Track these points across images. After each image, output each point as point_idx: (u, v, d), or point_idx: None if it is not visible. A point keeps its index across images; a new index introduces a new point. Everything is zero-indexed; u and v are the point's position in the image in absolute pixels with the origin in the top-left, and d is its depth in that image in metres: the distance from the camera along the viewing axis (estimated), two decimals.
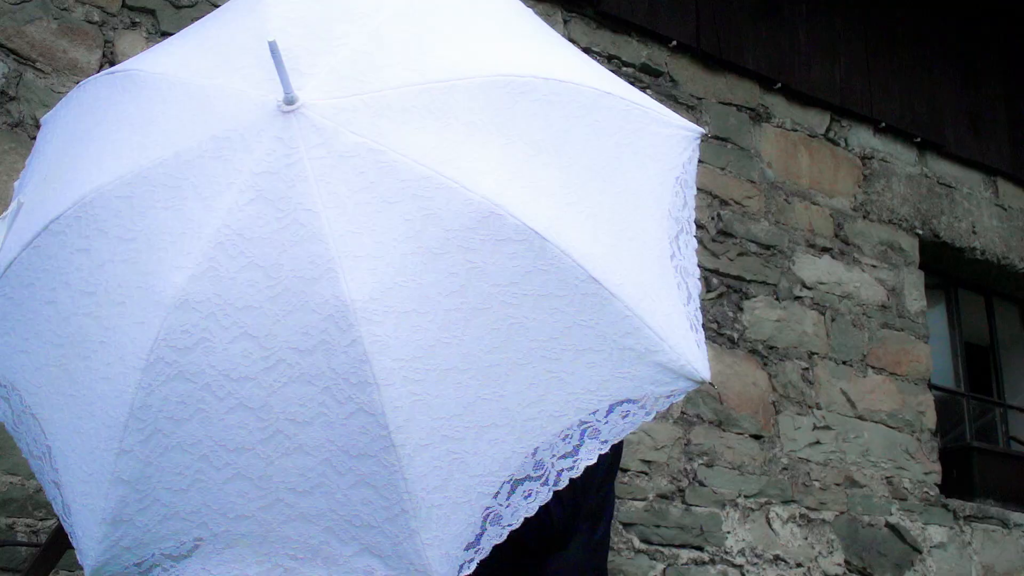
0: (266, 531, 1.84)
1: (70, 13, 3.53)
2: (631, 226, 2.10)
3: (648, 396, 1.96)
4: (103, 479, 1.90)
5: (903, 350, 5.40)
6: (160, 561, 1.90)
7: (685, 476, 4.50)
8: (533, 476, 1.92)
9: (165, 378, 1.85)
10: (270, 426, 1.84)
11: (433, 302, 1.86)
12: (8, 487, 3.09)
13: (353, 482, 1.83)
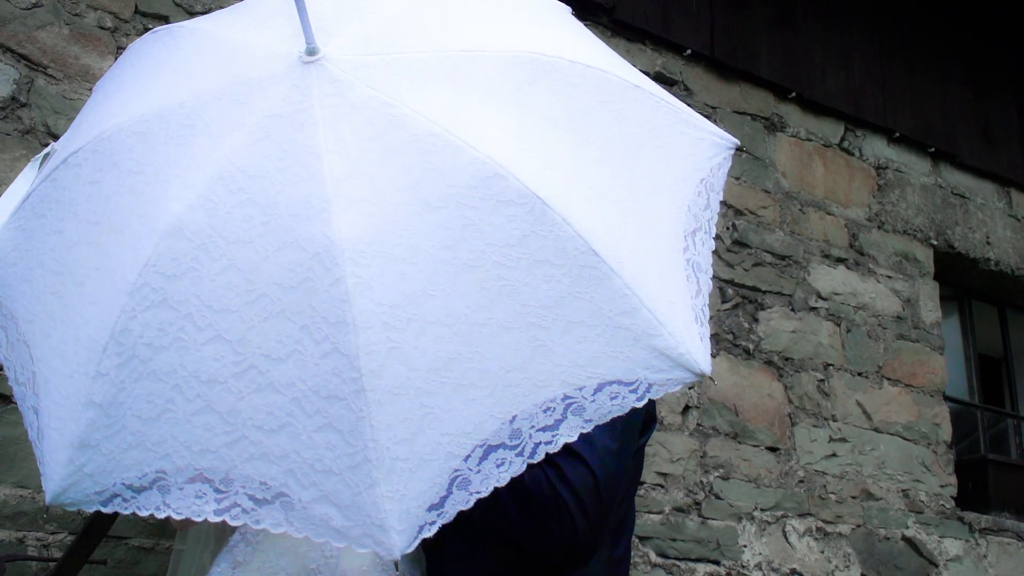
0: (228, 468, 1.81)
1: (82, 19, 3.48)
2: (643, 212, 2.06)
3: (641, 381, 1.90)
4: (77, 402, 1.89)
5: (918, 361, 5.35)
6: (121, 491, 1.87)
7: (701, 489, 4.44)
8: (508, 444, 1.85)
9: (149, 304, 1.86)
10: (244, 360, 1.82)
11: (423, 252, 1.85)
12: (19, 500, 3.04)
13: (320, 424, 1.79)
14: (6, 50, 3.33)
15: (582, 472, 2.39)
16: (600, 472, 2.41)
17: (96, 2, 3.52)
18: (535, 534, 2.40)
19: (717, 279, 4.75)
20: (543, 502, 2.38)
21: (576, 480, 2.38)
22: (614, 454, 2.45)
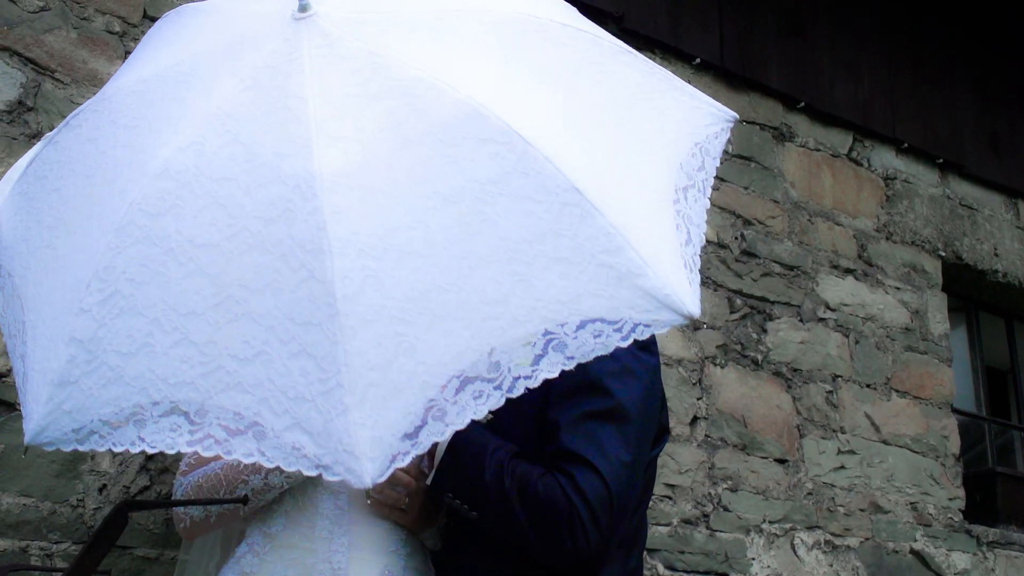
0: (203, 399, 1.82)
1: (90, 23, 3.45)
2: (631, 161, 2.06)
3: (626, 321, 1.88)
4: (60, 339, 1.92)
5: (927, 373, 5.31)
6: (98, 428, 1.88)
7: (709, 501, 4.40)
8: (486, 377, 1.83)
9: (133, 240, 1.91)
10: (222, 291, 1.85)
11: (402, 186, 1.87)
12: (22, 509, 3.00)
13: (294, 351, 1.80)
14: (13, 54, 3.30)
15: (596, 483, 2.36)
16: (613, 483, 2.37)
17: (104, 6, 3.49)
18: (546, 544, 2.37)
19: (725, 288, 4.72)
20: (556, 512, 2.34)
21: (590, 491, 2.35)
22: (627, 466, 2.42)
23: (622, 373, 2.48)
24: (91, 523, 3.08)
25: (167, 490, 3.20)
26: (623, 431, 2.44)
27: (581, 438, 2.40)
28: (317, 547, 2.59)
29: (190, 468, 2.58)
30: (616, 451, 2.41)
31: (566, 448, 2.40)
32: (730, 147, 4.92)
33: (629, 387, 2.47)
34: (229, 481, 2.51)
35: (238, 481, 2.50)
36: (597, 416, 2.43)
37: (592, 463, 2.38)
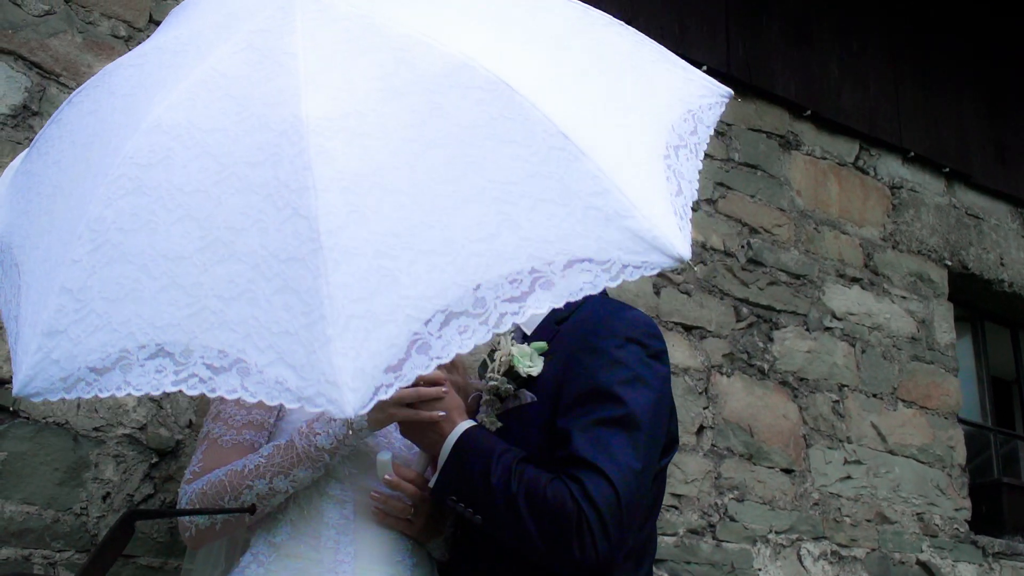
0: (188, 339, 1.84)
1: (95, 27, 3.43)
2: (619, 117, 2.08)
3: (614, 261, 1.89)
4: (51, 291, 1.96)
5: (933, 383, 5.29)
6: (84, 375, 1.90)
7: (716, 511, 4.37)
8: (472, 312, 1.83)
9: (124, 192, 1.95)
10: (209, 235, 1.88)
11: (389, 131, 1.91)
12: (25, 517, 2.97)
13: (278, 287, 1.82)
14: (18, 57, 3.27)
15: (605, 490, 2.33)
16: (623, 491, 2.34)
17: (110, 10, 3.47)
18: (553, 551, 2.34)
19: (732, 298, 4.69)
20: (564, 518, 2.31)
21: (599, 498, 2.32)
22: (637, 474, 2.39)
23: (633, 381, 2.46)
24: (95, 531, 3.05)
25: (171, 498, 3.17)
26: (634, 439, 2.41)
27: (591, 444, 2.38)
28: (323, 557, 2.56)
29: (194, 476, 2.55)
30: (627, 458, 2.38)
31: (576, 454, 2.37)
32: (736, 155, 4.90)
33: (640, 395, 2.45)
34: (234, 487, 2.48)
35: (243, 487, 2.48)
36: (608, 423, 2.41)
37: (602, 469, 2.35)
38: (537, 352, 2.61)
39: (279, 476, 2.48)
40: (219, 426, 2.59)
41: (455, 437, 2.45)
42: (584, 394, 2.44)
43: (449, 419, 2.47)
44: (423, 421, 2.47)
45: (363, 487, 2.64)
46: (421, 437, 2.51)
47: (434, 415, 2.46)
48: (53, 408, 3.05)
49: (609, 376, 2.45)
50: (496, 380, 2.62)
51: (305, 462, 2.48)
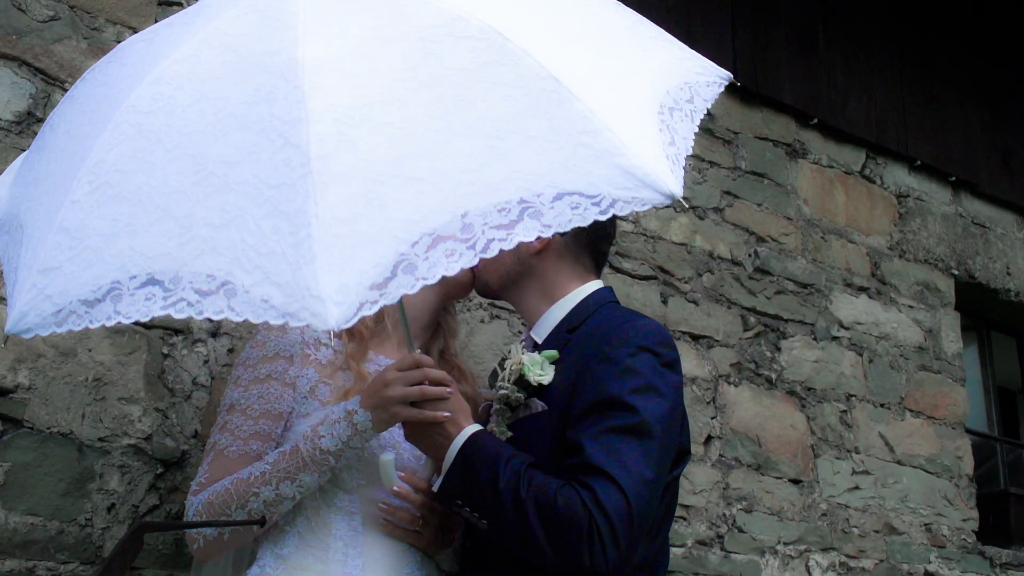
0: (178, 267, 1.88)
1: (100, 33, 3.40)
2: (613, 75, 2.12)
3: (604, 196, 1.91)
4: (49, 231, 2.02)
5: (940, 393, 5.26)
6: (76, 308, 1.94)
7: (724, 522, 4.33)
8: (459, 237, 1.86)
9: (125, 137, 2.02)
10: (204, 169, 1.93)
11: (382, 72, 1.97)
12: (29, 528, 2.93)
13: (267, 212, 1.86)
14: (22, 63, 3.24)
15: (617, 498, 2.30)
16: (635, 499, 2.31)
17: (115, 16, 3.44)
18: (562, 559, 2.30)
19: (739, 307, 4.66)
20: (575, 525, 2.28)
21: (611, 506, 2.29)
22: (649, 483, 2.36)
23: (645, 390, 2.43)
24: (99, 543, 3.02)
25: (177, 509, 3.14)
26: (646, 447, 2.38)
27: (603, 452, 2.35)
28: (331, 569, 2.54)
29: (201, 487, 2.52)
30: (638, 467, 2.35)
31: (587, 461, 2.34)
32: (743, 163, 4.88)
33: (653, 404, 2.42)
34: (240, 495, 2.45)
35: (249, 494, 2.45)
36: (620, 431, 2.38)
37: (614, 477, 2.32)
38: (548, 360, 2.58)
39: (285, 481, 2.45)
40: (225, 437, 2.56)
41: (462, 440, 2.42)
42: (596, 403, 2.42)
43: (455, 422, 2.44)
44: (428, 421, 2.43)
45: (371, 498, 2.61)
46: (426, 440, 2.47)
47: (439, 415, 2.42)
48: (57, 418, 3.02)
49: (621, 385, 2.42)
50: (506, 389, 2.59)
51: (311, 466, 2.45)
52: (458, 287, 2.87)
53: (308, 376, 2.64)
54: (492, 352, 3.87)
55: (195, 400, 3.26)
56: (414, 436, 2.49)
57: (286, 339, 2.66)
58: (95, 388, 3.09)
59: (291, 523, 2.59)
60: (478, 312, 3.90)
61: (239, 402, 2.59)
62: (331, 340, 2.46)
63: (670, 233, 4.54)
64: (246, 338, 3.34)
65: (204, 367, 3.30)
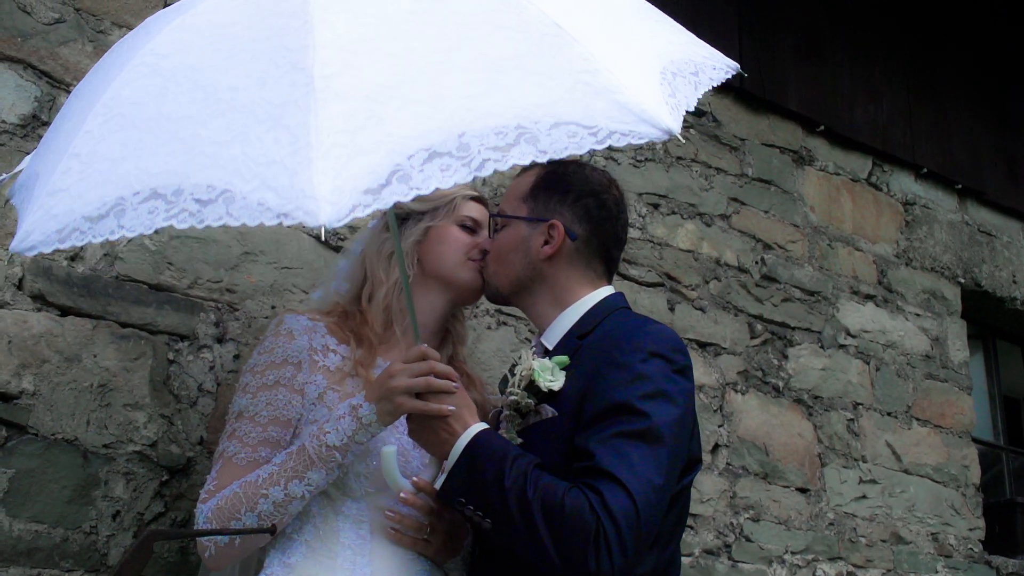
0: (181, 181, 1.93)
1: (106, 36, 3.37)
2: (618, 38, 2.18)
3: (601, 128, 1.97)
4: (60, 159, 2.11)
5: (947, 401, 5.23)
6: (79, 225, 2.00)
7: (731, 531, 4.30)
8: (455, 155, 1.90)
9: (140, 76, 2.12)
10: (213, 96, 2.01)
11: (389, 16, 2.05)
12: (33, 535, 2.89)
13: (270, 127, 1.92)
14: (27, 66, 3.21)
15: (625, 503, 2.27)
16: (643, 505, 2.28)
17: (121, 19, 3.41)
18: (566, 562, 2.26)
19: (746, 314, 4.63)
20: (582, 529, 2.25)
21: (618, 510, 2.26)
22: (657, 489, 2.33)
23: (656, 395, 2.41)
24: (104, 551, 2.98)
25: (183, 517, 3.11)
26: (656, 453, 2.35)
27: (612, 456, 2.32)
28: None
29: (209, 495, 2.49)
30: (647, 472, 2.32)
31: (596, 465, 2.32)
32: (750, 170, 4.85)
33: (663, 410, 2.40)
34: (249, 498, 2.42)
35: (258, 496, 2.42)
36: (629, 436, 2.35)
37: (622, 482, 2.29)
38: (559, 366, 2.55)
39: (294, 481, 2.42)
40: (234, 444, 2.53)
41: (468, 436, 2.40)
42: (606, 409, 2.39)
43: (460, 419, 2.42)
44: (432, 414, 2.41)
45: (380, 506, 2.58)
46: (430, 437, 2.44)
47: (444, 409, 2.40)
48: (62, 424, 2.98)
49: (632, 391, 2.39)
50: (516, 394, 2.57)
51: (317, 463, 2.43)
52: (467, 293, 2.84)
53: (316, 382, 2.61)
54: (499, 358, 3.85)
55: (201, 407, 3.23)
56: (418, 432, 2.46)
57: (294, 345, 2.64)
58: (100, 394, 3.06)
59: (298, 531, 2.56)
60: (485, 319, 3.87)
61: (247, 409, 2.56)
62: (323, 232, 2.49)
63: (677, 240, 4.51)
64: (252, 344, 3.31)
65: (210, 373, 3.27)
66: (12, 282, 3.01)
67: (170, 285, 3.27)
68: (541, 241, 2.67)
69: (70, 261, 3.12)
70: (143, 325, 3.19)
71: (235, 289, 3.38)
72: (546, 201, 2.70)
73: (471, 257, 2.82)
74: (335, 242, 3.61)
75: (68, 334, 3.06)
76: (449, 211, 2.86)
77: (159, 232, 3.23)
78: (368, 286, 2.83)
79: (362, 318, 2.79)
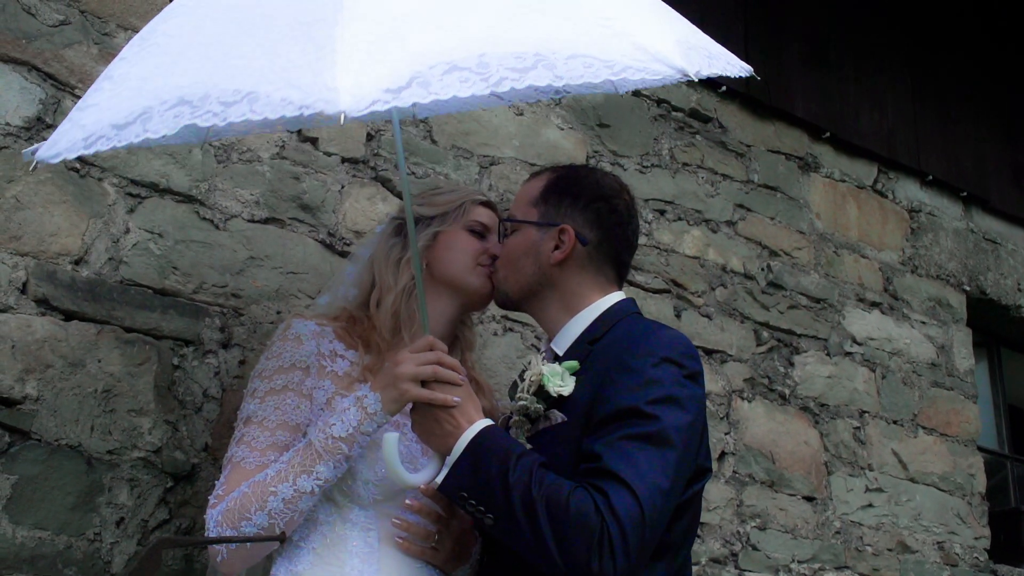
0: (208, 88, 2.00)
1: (112, 39, 3.34)
2: (639, 10, 2.27)
3: (617, 63, 2.05)
4: (95, 85, 2.25)
5: (953, 410, 5.20)
6: (105, 132, 2.06)
7: (738, 539, 4.27)
8: (475, 70, 1.96)
9: (177, 14, 2.26)
10: (248, 21, 2.11)
11: None
12: (37, 542, 2.86)
13: (298, 41, 2.02)
14: (31, 68, 3.18)
15: (630, 504, 2.24)
16: (648, 508, 2.25)
17: (126, 22, 3.39)
18: (568, 562, 2.23)
19: (752, 321, 4.60)
20: (586, 529, 2.22)
21: (623, 511, 2.23)
22: (664, 493, 2.30)
23: (666, 400, 2.38)
24: (108, 558, 2.94)
25: (187, 524, 3.07)
26: (664, 456, 2.32)
27: (619, 458, 2.29)
28: None
29: (219, 500, 2.46)
30: (654, 475, 2.29)
31: (602, 466, 2.29)
32: (755, 176, 4.83)
33: (673, 414, 2.37)
34: (259, 497, 2.40)
35: (267, 494, 2.39)
36: (637, 438, 2.33)
37: (628, 483, 2.26)
38: (569, 371, 2.53)
39: (302, 476, 2.40)
40: (242, 449, 2.50)
41: (474, 431, 2.37)
42: (615, 413, 2.36)
43: (465, 412, 2.40)
44: (438, 404, 2.39)
45: (388, 514, 2.56)
46: (434, 430, 2.41)
47: (449, 399, 2.39)
48: (66, 430, 2.95)
49: (642, 395, 2.37)
50: (526, 399, 2.54)
51: (324, 456, 2.41)
52: (477, 298, 2.82)
53: (325, 388, 2.58)
54: (505, 365, 3.82)
55: (206, 412, 3.19)
56: (421, 424, 2.43)
57: (302, 350, 2.61)
58: (104, 399, 3.03)
59: (306, 539, 2.53)
60: (491, 325, 3.84)
61: (255, 414, 2.53)
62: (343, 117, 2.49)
63: (683, 246, 4.49)
64: (257, 350, 3.28)
65: (215, 379, 3.24)
66: (16, 286, 2.98)
67: (175, 290, 3.24)
68: (552, 246, 2.64)
69: (74, 265, 3.09)
70: (148, 330, 3.16)
71: (240, 294, 3.35)
72: (557, 205, 2.68)
73: (480, 263, 2.80)
74: (340, 247, 3.58)
75: (72, 339, 3.03)
76: (458, 216, 2.84)
77: (163, 236, 3.23)
78: (376, 291, 2.80)
79: (370, 324, 2.76)
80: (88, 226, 3.15)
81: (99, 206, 3.18)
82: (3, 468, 2.86)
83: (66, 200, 3.13)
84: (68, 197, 3.13)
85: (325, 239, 3.57)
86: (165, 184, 3.31)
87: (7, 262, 2.98)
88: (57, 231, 3.09)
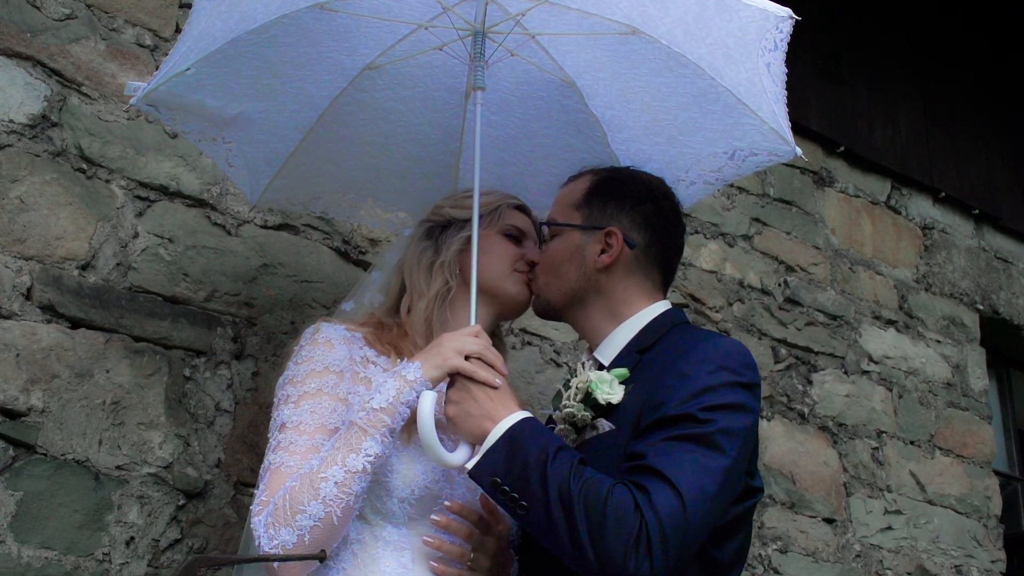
0: None
1: (119, 34, 3.19)
2: None
3: None
4: None
5: (969, 431, 5.08)
6: None
7: (760, 563, 4.12)
8: None
9: None
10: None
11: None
12: (43, 563, 2.67)
13: None
14: (36, 63, 3.02)
15: (673, 502, 2.08)
16: (692, 510, 2.09)
17: (134, 17, 3.23)
18: (601, 560, 2.06)
19: (770, 338, 4.48)
20: (624, 525, 2.06)
21: (665, 509, 2.07)
22: (710, 497, 2.14)
23: (719, 407, 2.25)
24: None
25: (199, 544, 2.90)
26: (712, 460, 2.18)
27: (664, 456, 2.15)
28: None
29: (263, 505, 2.28)
30: (701, 477, 2.14)
31: (646, 464, 2.14)
32: (771, 190, 4.72)
33: (725, 420, 2.23)
34: (309, 487, 2.22)
35: (318, 482, 2.22)
36: (686, 439, 2.18)
37: (672, 481, 2.11)
38: (618, 379, 2.38)
39: (350, 455, 2.25)
40: (280, 455, 2.33)
41: (511, 421, 2.23)
42: (667, 419, 2.21)
43: (505, 400, 2.27)
44: (480, 381, 2.28)
45: (422, 533, 2.40)
46: (472, 410, 2.27)
47: (492, 379, 2.28)
48: (73, 444, 2.78)
49: (696, 402, 2.22)
50: (572, 407, 2.40)
51: (369, 431, 2.27)
52: (513, 306, 2.69)
53: (359, 394, 2.43)
54: (524, 379, 3.67)
55: (218, 427, 3.03)
56: (457, 406, 2.30)
57: (334, 354, 2.46)
58: (112, 412, 2.86)
59: (336, 559, 2.37)
60: (509, 338, 3.69)
61: (291, 419, 2.36)
62: None
63: (700, 260, 4.36)
64: (271, 361, 3.13)
65: (227, 391, 3.07)
66: (20, 292, 2.82)
67: (186, 297, 3.08)
68: (598, 250, 2.50)
69: (81, 270, 2.92)
70: (158, 339, 2.99)
71: (253, 303, 3.19)
72: (602, 207, 2.55)
73: (517, 268, 2.66)
74: (356, 256, 3.43)
75: (79, 348, 2.86)
76: (493, 219, 2.70)
77: (173, 241, 3.07)
78: (407, 297, 2.66)
79: (400, 330, 2.62)
80: (95, 230, 2.98)
81: (107, 209, 3.02)
82: (7, 484, 2.68)
83: (72, 202, 2.97)
84: (74, 199, 2.97)
85: (340, 247, 3.42)
86: (175, 187, 3.15)
87: (11, 266, 2.82)
88: (63, 234, 2.92)
